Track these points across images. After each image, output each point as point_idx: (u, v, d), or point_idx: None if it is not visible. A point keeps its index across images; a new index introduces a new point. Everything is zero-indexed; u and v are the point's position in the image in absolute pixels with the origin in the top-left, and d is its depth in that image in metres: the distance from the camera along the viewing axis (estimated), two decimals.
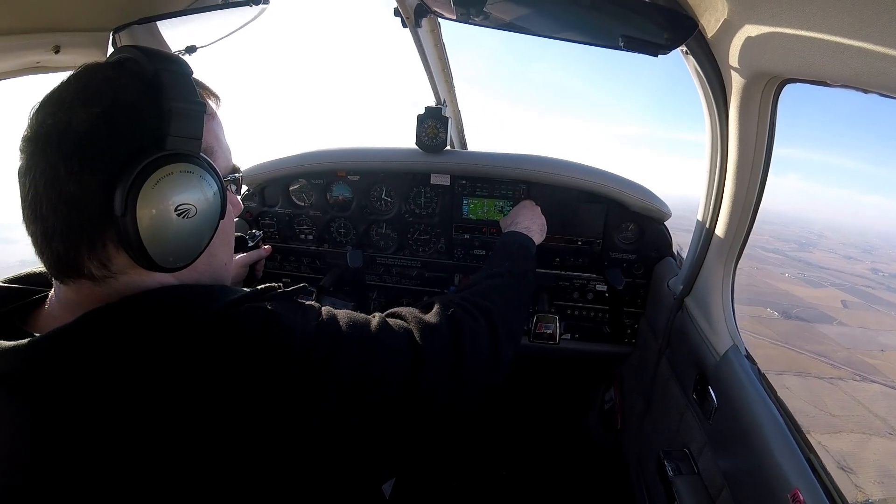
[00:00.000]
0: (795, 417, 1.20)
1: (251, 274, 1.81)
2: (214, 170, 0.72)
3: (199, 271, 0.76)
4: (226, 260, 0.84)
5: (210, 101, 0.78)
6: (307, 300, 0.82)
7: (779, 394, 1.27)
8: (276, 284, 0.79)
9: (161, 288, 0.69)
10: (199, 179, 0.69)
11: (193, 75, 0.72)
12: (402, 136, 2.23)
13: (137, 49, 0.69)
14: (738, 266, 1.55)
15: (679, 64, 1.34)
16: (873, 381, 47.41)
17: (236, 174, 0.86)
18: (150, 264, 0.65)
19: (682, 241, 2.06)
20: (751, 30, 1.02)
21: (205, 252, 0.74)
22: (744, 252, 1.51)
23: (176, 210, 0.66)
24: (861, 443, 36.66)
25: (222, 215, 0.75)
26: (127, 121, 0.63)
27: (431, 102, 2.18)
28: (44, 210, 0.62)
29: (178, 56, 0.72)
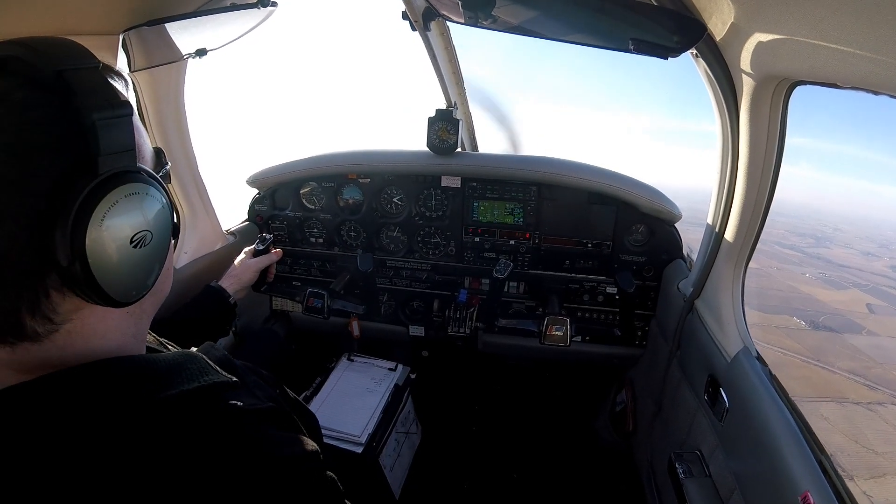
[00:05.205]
0: (837, 459, 1.16)
1: (262, 278, 1.83)
2: (156, 179, 0.61)
3: (150, 293, 0.66)
4: (168, 266, 0.72)
5: (122, 90, 0.61)
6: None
7: (818, 432, 1.22)
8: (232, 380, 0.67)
9: (112, 364, 0.59)
10: (145, 197, 0.58)
11: (100, 66, 0.57)
12: (413, 139, 2.24)
13: (15, 44, 0.53)
14: (749, 267, 1.54)
15: (688, 61, 1.35)
16: None
17: (167, 166, 0.70)
18: (111, 303, 0.56)
19: (694, 236, 2.01)
20: (759, 33, 1.01)
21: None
22: (761, 250, 1.50)
23: (132, 241, 0.57)
24: None
25: (175, 227, 0.66)
26: (43, 146, 0.50)
27: (441, 104, 2.19)
28: None
29: (74, 43, 0.57)
